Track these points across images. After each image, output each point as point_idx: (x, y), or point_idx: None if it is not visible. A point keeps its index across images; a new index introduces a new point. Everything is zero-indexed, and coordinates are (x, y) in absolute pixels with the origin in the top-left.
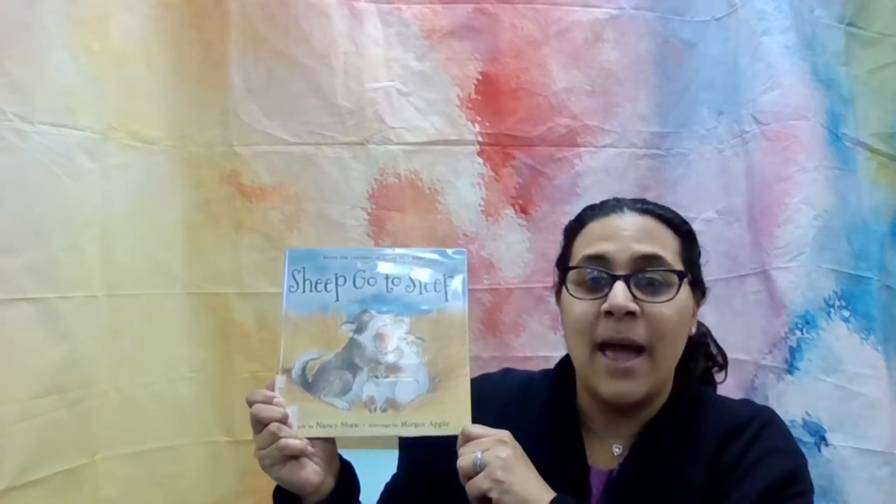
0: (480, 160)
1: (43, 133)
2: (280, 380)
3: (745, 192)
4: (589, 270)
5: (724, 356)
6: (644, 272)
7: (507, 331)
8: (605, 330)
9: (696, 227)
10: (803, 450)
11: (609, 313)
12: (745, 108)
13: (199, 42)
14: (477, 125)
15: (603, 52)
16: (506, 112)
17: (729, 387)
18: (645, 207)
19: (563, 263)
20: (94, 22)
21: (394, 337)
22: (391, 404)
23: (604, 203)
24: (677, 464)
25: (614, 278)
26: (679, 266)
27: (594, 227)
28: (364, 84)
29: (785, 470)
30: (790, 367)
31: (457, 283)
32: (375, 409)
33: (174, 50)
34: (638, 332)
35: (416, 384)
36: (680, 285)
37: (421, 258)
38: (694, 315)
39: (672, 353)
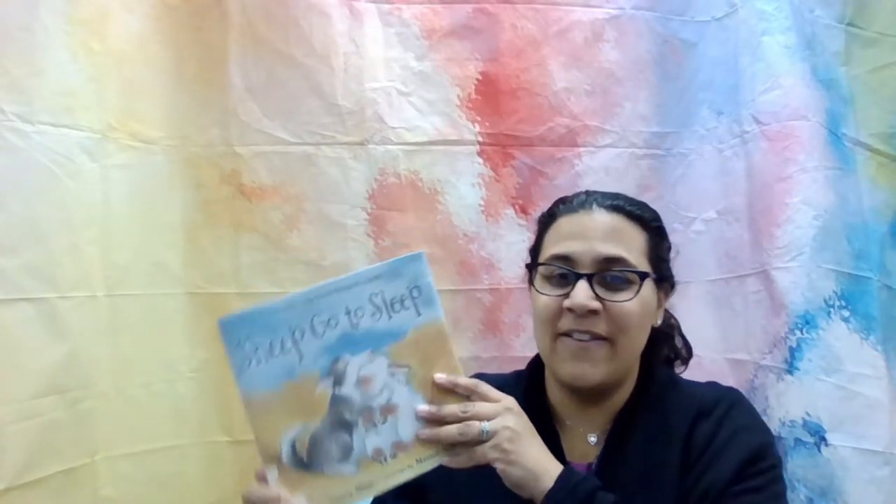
0: (480, 160)
1: (43, 133)
2: (271, 471)
3: (745, 192)
4: (555, 268)
5: (689, 350)
6: (607, 272)
7: (507, 331)
8: (567, 323)
9: (696, 227)
10: (803, 450)
11: (571, 310)
12: (745, 108)
13: (199, 42)
14: (477, 125)
15: (603, 52)
16: (506, 112)
17: None
18: (614, 204)
19: (534, 254)
20: (94, 22)
21: (378, 375)
22: (399, 447)
23: (575, 197)
24: (652, 449)
25: (578, 276)
26: (643, 264)
27: (563, 224)
28: (364, 84)
29: (755, 446)
30: (790, 367)
31: (424, 291)
32: (386, 459)
33: (174, 50)
34: (599, 326)
35: (415, 425)
36: (641, 284)
37: (377, 277)
38: (660, 307)
39: (633, 343)
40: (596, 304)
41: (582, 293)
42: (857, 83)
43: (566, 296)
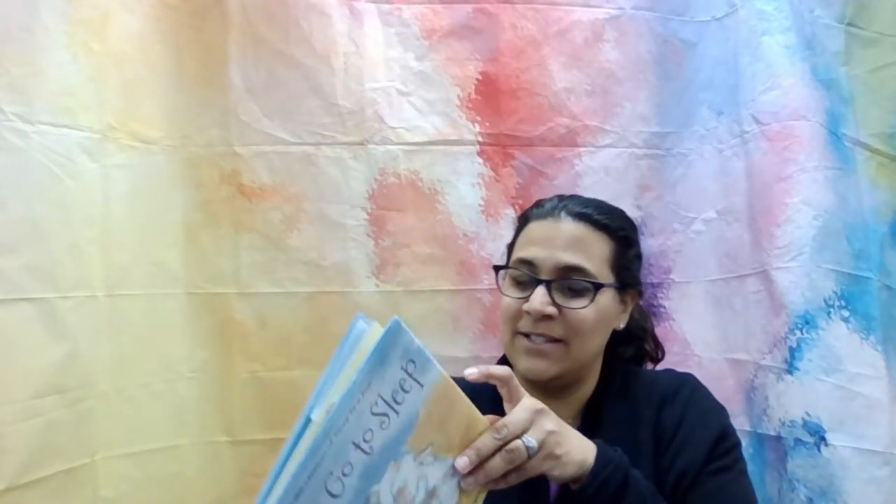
0: (480, 160)
1: (43, 133)
2: None
3: (745, 192)
4: (518, 273)
5: (661, 351)
6: (565, 279)
7: None
8: (526, 325)
9: (696, 227)
10: (803, 450)
11: (528, 313)
12: (745, 108)
13: (199, 42)
14: (477, 125)
15: (603, 52)
16: (506, 112)
17: (729, 387)
18: (582, 213)
19: (509, 252)
20: (94, 22)
21: (409, 479)
22: None
23: (548, 202)
24: (624, 436)
25: (538, 282)
26: (605, 271)
27: (533, 228)
28: (364, 84)
29: (721, 426)
30: (790, 367)
31: (417, 358)
32: None
33: (174, 50)
34: (554, 329)
35: (452, 482)
36: (596, 294)
37: (368, 385)
38: (624, 311)
39: (587, 346)
40: (551, 310)
41: (538, 299)
42: (857, 83)
43: (526, 299)
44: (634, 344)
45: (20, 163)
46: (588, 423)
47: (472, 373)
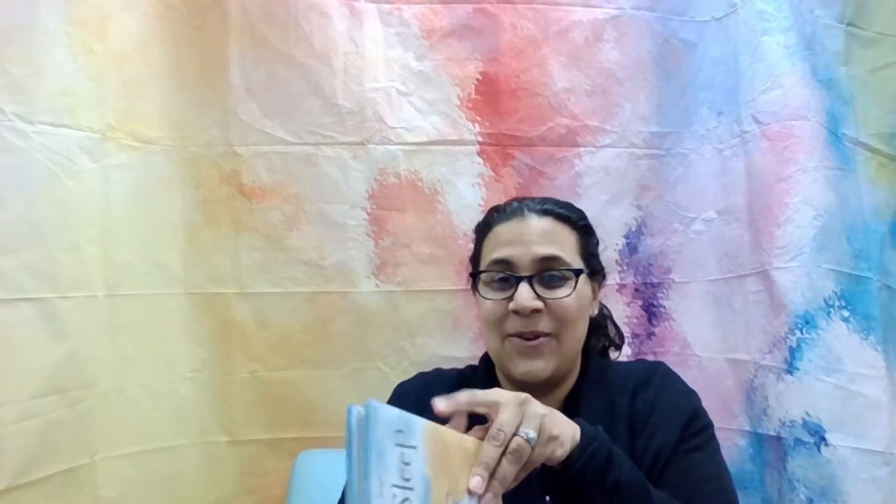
0: (480, 160)
1: (43, 133)
2: None
3: (745, 192)
4: (496, 274)
5: (622, 336)
6: (545, 272)
7: None
8: (514, 325)
9: (696, 227)
10: (803, 450)
11: (516, 312)
12: (745, 108)
13: (199, 42)
14: (477, 125)
15: (603, 52)
16: (506, 112)
17: (729, 387)
18: (544, 209)
19: (475, 262)
20: (94, 22)
21: None
22: None
23: (507, 206)
24: (601, 423)
25: (519, 280)
26: (577, 260)
27: (500, 231)
28: (364, 84)
29: (693, 408)
30: (790, 367)
31: (401, 427)
32: None
33: (174, 50)
34: (543, 324)
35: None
36: (577, 280)
37: (379, 485)
38: (595, 298)
39: (575, 334)
40: (538, 304)
41: (525, 294)
42: (857, 83)
43: (510, 298)
44: (601, 332)
45: (20, 163)
46: (568, 415)
47: (440, 406)
